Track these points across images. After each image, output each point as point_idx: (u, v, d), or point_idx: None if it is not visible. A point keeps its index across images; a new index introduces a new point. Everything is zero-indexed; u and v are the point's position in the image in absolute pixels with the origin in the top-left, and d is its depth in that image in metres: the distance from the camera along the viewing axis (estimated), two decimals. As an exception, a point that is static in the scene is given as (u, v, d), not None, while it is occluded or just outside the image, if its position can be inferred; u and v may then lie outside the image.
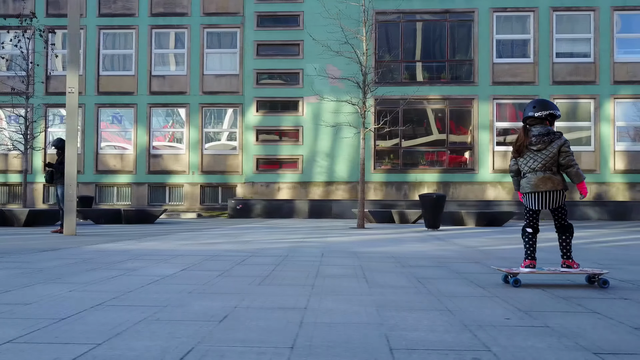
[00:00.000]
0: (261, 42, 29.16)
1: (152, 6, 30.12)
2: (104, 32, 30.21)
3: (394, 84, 28.04)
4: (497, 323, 3.85)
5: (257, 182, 28.93)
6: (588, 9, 28.12)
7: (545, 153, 5.61)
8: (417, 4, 28.65)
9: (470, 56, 28.65)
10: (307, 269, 6.85)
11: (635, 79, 27.73)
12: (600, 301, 4.74)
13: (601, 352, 3.13)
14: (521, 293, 5.14)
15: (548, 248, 9.49)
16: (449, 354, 3.08)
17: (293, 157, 29.06)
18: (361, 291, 5.19)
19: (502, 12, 28.54)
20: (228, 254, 8.56)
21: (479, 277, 6.24)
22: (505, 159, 28.09)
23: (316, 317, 4.03)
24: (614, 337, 3.46)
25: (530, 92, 27.96)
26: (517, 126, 28.48)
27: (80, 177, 29.87)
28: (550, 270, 5.84)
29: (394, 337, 3.42)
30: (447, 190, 28.12)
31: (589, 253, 9.21)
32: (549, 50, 28.16)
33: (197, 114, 29.97)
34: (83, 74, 29.87)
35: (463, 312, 4.22)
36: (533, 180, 5.66)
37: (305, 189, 28.89)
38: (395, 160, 28.83)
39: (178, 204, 30.07)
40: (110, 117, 30.39)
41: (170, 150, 30.20)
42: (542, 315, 4.13)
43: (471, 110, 28.49)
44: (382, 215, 21.90)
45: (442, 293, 5.10)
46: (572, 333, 3.55)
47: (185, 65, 30.18)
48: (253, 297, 4.81)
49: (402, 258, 8.19)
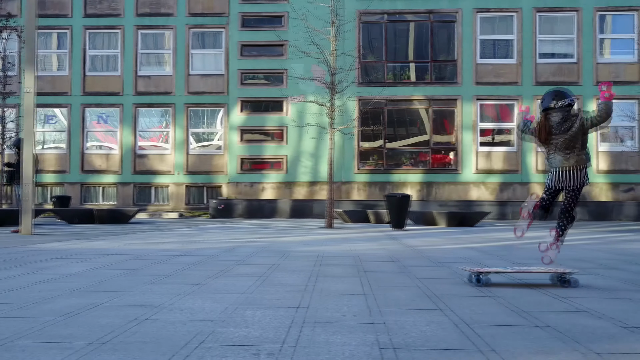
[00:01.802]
0: (245, 42, 29.24)
1: (137, 6, 30.25)
2: (89, 32, 30.35)
3: (377, 84, 28.11)
4: (335, 320, 3.93)
5: (241, 182, 29.01)
6: (571, 9, 28.12)
7: (565, 136, 5.83)
8: (400, 5, 28.69)
9: (454, 57, 28.67)
10: (219, 268, 6.94)
11: (618, 79, 27.69)
12: (591, 300, 4.81)
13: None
14: (393, 291, 5.22)
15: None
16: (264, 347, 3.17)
17: (277, 157, 29.13)
18: (242, 290, 5.27)
19: (485, 12, 28.55)
20: (157, 254, 8.65)
21: (379, 275, 6.31)
22: (489, 159, 28.13)
23: (165, 314, 4.12)
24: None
25: (514, 93, 28.01)
26: (500, 126, 28.53)
27: (66, 177, 30.06)
28: (515, 270, 5.99)
29: (204, 334, 3.51)
30: (430, 190, 28.18)
31: (519, 252, 9.25)
32: (532, 51, 28.17)
33: (183, 114, 30.08)
34: (69, 74, 30.06)
35: (308, 309, 4.30)
36: (557, 158, 5.91)
37: (290, 189, 28.97)
38: (379, 160, 28.87)
39: (163, 204, 30.20)
40: (96, 117, 30.51)
41: (156, 150, 30.32)
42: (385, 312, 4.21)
43: (454, 110, 28.51)
44: (358, 215, 21.96)
45: (318, 291, 5.18)
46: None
47: (171, 65, 30.31)
48: (125, 296, 4.90)
49: (327, 257, 8.27)
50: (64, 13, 30.21)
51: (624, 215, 26.54)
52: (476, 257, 8.42)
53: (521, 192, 27.77)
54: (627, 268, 7.28)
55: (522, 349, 3.24)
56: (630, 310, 4.38)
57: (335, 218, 23.71)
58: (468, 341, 3.40)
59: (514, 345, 3.31)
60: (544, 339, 3.46)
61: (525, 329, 3.75)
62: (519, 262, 7.76)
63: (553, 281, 5.80)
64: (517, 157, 28.08)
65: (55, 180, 30.08)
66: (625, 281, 6.10)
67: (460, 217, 19.35)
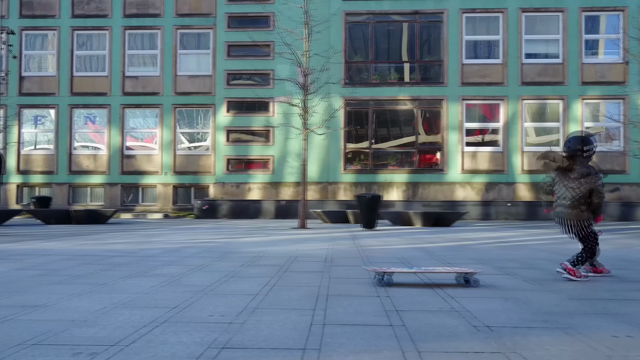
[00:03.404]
0: (232, 43, 29.29)
1: (125, 7, 30.36)
2: (77, 33, 30.46)
3: (363, 84, 28.18)
4: (198, 320, 3.99)
5: (227, 182, 29.08)
6: (557, 10, 28.09)
7: (576, 190, 6.36)
8: (386, 5, 28.71)
9: (440, 57, 28.68)
10: (141, 269, 7.00)
11: (603, 79, 27.68)
12: (469, 301, 4.86)
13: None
14: (288, 291, 5.27)
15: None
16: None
17: (264, 158, 29.19)
18: (140, 290, 5.33)
19: (471, 13, 28.56)
20: (96, 255, 8.73)
21: (293, 275, 6.36)
22: (475, 159, 28.13)
23: (36, 314, 4.18)
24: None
25: (499, 93, 28.02)
26: (485, 126, 28.53)
27: (53, 177, 30.18)
28: (419, 270, 6.05)
29: (51, 334, 3.57)
30: (417, 190, 28.20)
31: (467, 252, 9.29)
32: (517, 51, 28.16)
33: (170, 115, 30.17)
34: (56, 74, 30.18)
35: (183, 310, 4.35)
36: (561, 203, 6.50)
37: (276, 190, 29.03)
38: (366, 160, 28.90)
39: (151, 205, 30.30)
40: (83, 118, 30.63)
41: (143, 151, 30.42)
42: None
43: (440, 110, 28.52)
44: (338, 216, 21.98)
45: (218, 291, 5.23)
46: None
47: (159, 66, 30.40)
48: (16, 296, 4.97)
49: (263, 257, 8.34)
50: (51, 14, 30.33)
51: (608, 216, 26.44)
52: (412, 257, 8.46)
53: (507, 192, 27.81)
54: (547, 267, 7.32)
55: (351, 348, 3.29)
56: (500, 310, 4.43)
57: (315, 218, 23.83)
58: (302, 340, 3.46)
59: (345, 344, 3.36)
60: (381, 339, 3.51)
61: (376, 328, 3.79)
62: (451, 262, 7.79)
63: (458, 281, 5.85)
64: (502, 158, 28.07)
65: (42, 181, 30.22)
66: (533, 281, 6.15)
67: (436, 217, 19.39)
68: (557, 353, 3.24)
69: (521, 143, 27.97)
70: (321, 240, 12.28)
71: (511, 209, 26.54)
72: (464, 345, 3.39)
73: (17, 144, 29.79)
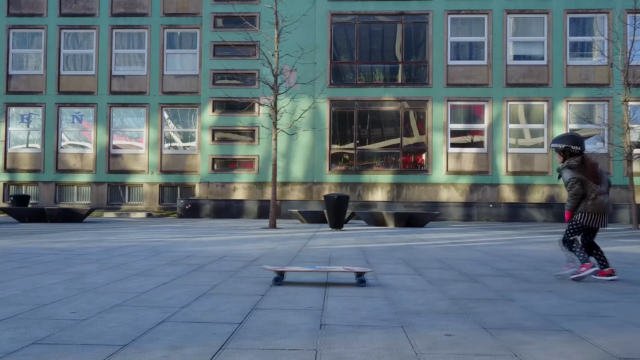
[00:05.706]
0: (218, 42, 29.34)
1: (112, 6, 30.47)
2: (64, 32, 30.59)
3: (348, 85, 28.22)
4: (55, 317, 4.03)
5: (212, 182, 29.14)
6: (542, 12, 28.07)
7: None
8: (372, 6, 28.73)
9: (425, 58, 28.68)
10: (55, 267, 7.06)
11: (588, 81, 27.64)
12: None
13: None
14: (175, 290, 5.31)
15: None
16: None
17: (249, 157, 29.24)
18: (28, 288, 5.39)
19: (456, 14, 28.54)
20: (28, 252, 8.81)
21: (203, 274, 6.40)
22: (459, 160, 28.10)
23: None
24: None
25: (484, 94, 27.97)
26: (471, 128, 28.51)
27: (40, 176, 30.30)
28: (313, 269, 6.10)
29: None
30: (401, 191, 28.21)
31: (402, 252, 9.31)
32: (502, 53, 28.13)
33: (157, 114, 30.26)
34: (44, 73, 30.30)
35: (44, 307, 4.40)
36: (606, 201, 6.49)
37: (261, 189, 29.07)
38: (351, 161, 28.93)
39: (137, 204, 30.39)
40: (70, 117, 30.75)
41: (130, 150, 30.52)
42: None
43: (425, 111, 28.52)
44: (315, 216, 22.01)
45: (109, 289, 5.28)
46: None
47: (146, 65, 30.49)
48: None
49: (194, 257, 8.40)
50: (39, 12, 30.46)
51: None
52: (340, 257, 8.50)
53: (491, 194, 27.78)
54: (462, 268, 7.34)
55: (164, 344, 3.35)
56: (358, 309, 4.47)
57: (294, 218, 23.88)
58: (130, 338, 3.50)
59: (161, 341, 3.41)
60: (200, 336, 3.56)
61: (219, 326, 3.85)
62: (372, 262, 7.82)
63: (357, 280, 5.89)
64: (487, 159, 28.04)
65: (29, 180, 30.35)
66: (435, 281, 6.18)
67: (408, 218, 19.40)
68: (369, 350, 3.28)
69: (505, 144, 27.94)
70: (274, 240, 12.31)
71: (493, 210, 26.53)
72: (287, 342, 3.43)
73: (4, 142, 29.93)
